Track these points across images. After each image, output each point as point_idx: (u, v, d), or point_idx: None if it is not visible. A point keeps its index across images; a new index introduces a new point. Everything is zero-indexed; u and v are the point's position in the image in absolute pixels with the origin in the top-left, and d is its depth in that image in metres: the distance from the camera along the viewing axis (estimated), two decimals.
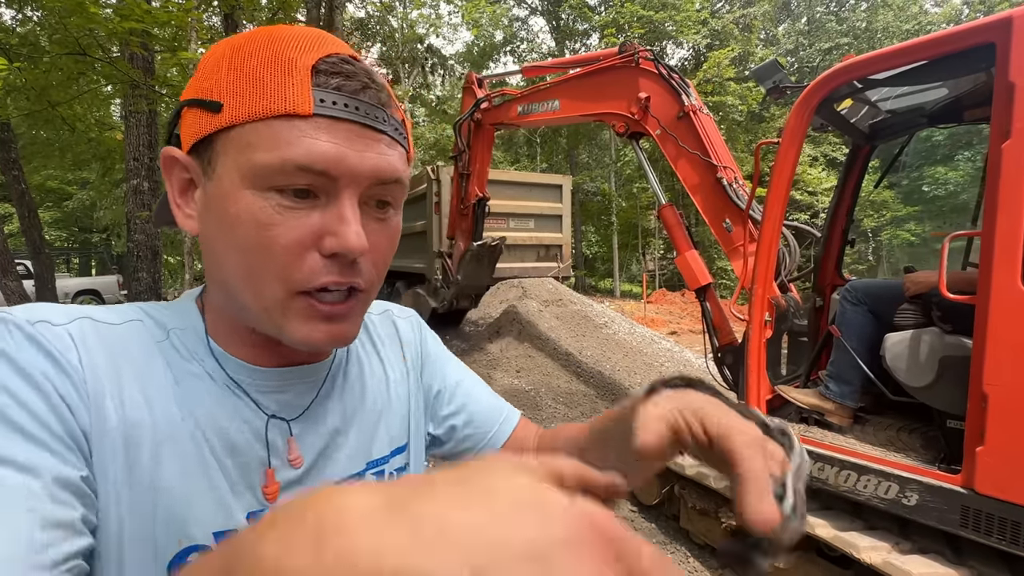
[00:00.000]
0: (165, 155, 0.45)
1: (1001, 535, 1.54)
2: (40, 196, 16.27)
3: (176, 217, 0.46)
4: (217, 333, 0.48)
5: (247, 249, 0.41)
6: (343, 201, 0.42)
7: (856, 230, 18.74)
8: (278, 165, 0.40)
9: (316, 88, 0.40)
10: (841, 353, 2.20)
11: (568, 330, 6.28)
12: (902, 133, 2.64)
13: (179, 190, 0.46)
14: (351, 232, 0.41)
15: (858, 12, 22.11)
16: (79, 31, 4.58)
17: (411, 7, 13.83)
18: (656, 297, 14.80)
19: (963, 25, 1.63)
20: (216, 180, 0.42)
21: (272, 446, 0.47)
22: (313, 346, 0.44)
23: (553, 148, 22.78)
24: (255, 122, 0.40)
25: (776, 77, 2.52)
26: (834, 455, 1.92)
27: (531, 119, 4.48)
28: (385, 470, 0.57)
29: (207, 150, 0.43)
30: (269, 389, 0.48)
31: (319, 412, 0.52)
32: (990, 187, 1.52)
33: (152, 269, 6.83)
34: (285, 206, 0.41)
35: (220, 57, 0.43)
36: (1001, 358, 1.50)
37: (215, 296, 0.48)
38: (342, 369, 0.56)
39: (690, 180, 3.31)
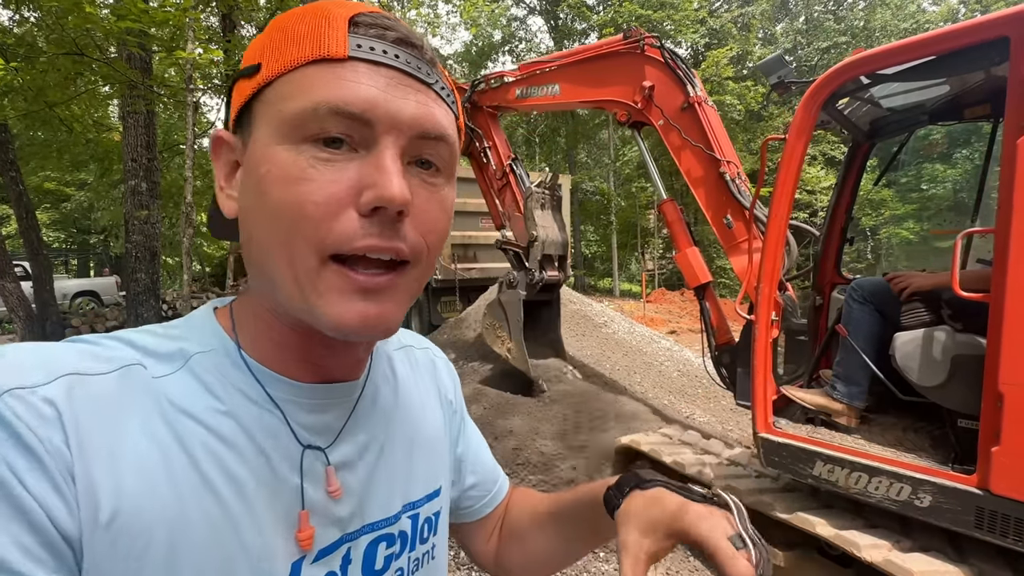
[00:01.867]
0: (214, 138, 0.43)
1: (1017, 536, 1.52)
2: (38, 197, 16.20)
3: (219, 201, 0.43)
4: (255, 344, 0.44)
5: (278, 211, 0.37)
6: (383, 150, 0.37)
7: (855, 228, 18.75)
8: (311, 109, 0.36)
9: (353, 35, 0.38)
10: (848, 353, 2.17)
11: (567, 330, 6.25)
12: (902, 131, 2.63)
13: (225, 175, 0.43)
14: (391, 180, 0.36)
15: (856, 11, 22.13)
16: (76, 31, 4.54)
17: (409, 6, 13.79)
18: (655, 296, 14.79)
19: (976, 19, 1.61)
20: (252, 145, 0.39)
21: (308, 478, 0.43)
22: (344, 330, 0.38)
23: (552, 148, 22.76)
24: (288, 73, 0.37)
25: (781, 72, 2.49)
26: (844, 456, 1.90)
27: (530, 103, 4.34)
28: (420, 515, 0.54)
29: (247, 120, 0.40)
30: (308, 408, 0.45)
31: (353, 438, 0.48)
32: (1004, 183, 1.49)
33: (151, 270, 6.79)
34: (320, 158, 0.36)
35: (266, 29, 0.42)
36: (1017, 357, 1.48)
37: (254, 288, 0.44)
38: (376, 390, 0.52)
39: (693, 173, 3.25)
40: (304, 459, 0.43)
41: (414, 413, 0.56)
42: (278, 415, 0.43)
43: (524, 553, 0.65)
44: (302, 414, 0.44)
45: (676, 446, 2.93)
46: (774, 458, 2.13)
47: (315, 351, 0.44)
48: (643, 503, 0.48)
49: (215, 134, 0.42)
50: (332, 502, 0.45)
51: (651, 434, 3.24)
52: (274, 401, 0.43)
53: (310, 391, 0.45)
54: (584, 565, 2.54)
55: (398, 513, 0.51)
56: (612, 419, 4.01)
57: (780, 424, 2.18)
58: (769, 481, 2.39)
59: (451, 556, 2.67)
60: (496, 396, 4.64)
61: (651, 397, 4.76)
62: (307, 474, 0.43)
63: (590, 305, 7.35)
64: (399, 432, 0.53)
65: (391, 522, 0.50)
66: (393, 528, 0.50)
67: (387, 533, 0.49)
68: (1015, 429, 1.50)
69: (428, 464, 0.56)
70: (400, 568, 0.50)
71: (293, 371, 0.44)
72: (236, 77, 0.42)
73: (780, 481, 2.36)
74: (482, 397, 4.68)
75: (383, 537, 0.49)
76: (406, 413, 0.55)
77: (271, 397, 0.43)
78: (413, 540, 0.52)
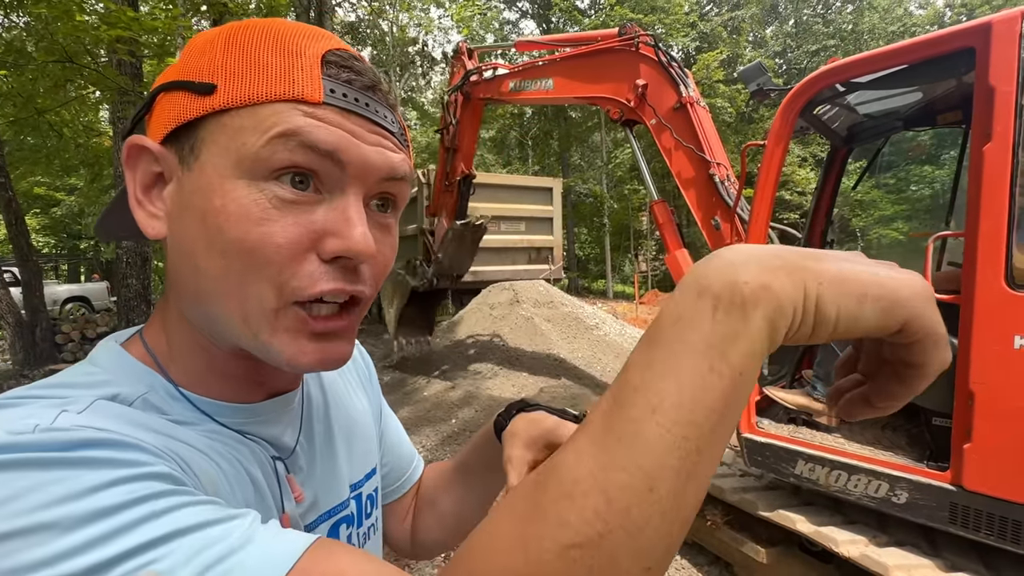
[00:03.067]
0: (131, 144, 0.39)
1: (989, 530, 1.56)
2: (27, 202, 16.06)
3: (136, 217, 0.39)
4: (188, 377, 0.42)
5: (234, 248, 0.35)
6: (349, 198, 0.37)
7: (844, 229, 18.89)
8: (279, 139, 0.35)
9: (326, 78, 0.37)
10: (828, 353, 2.22)
11: (559, 332, 6.30)
12: (878, 136, 2.68)
13: (143, 186, 0.39)
14: (357, 232, 0.37)
15: (844, 14, 22.41)
16: (66, 38, 4.54)
17: (399, 9, 13.83)
18: (649, 298, 14.85)
19: (944, 30, 1.66)
20: (198, 170, 0.37)
21: (283, 487, 0.46)
22: (300, 368, 0.39)
23: (545, 150, 22.85)
24: (255, 105, 0.35)
25: (760, 80, 2.54)
26: (824, 455, 1.94)
27: (523, 96, 4.31)
28: (362, 493, 0.57)
29: (189, 137, 0.37)
30: (260, 424, 0.45)
31: (307, 442, 0.51)
32: (972, 189, 1.54)
33: (142, 275, 6.76)
34: (284, 199, 0.36)
35: (210, 41, 0.38)
36: (986, 356, 1.53)
37: (185, 318, 0.41)
38: (309, 389, 0.55)
39: (683, 174, 3.27)
40: (277, 469, 0.46)
41: (345, 401, 0.59)
42: (238, 436, 0.43)
43: (437, 517, 0.69)
44: (262, 429, 0.45)
45: None
46: (757, 457, 2.17)
47: (264, 372, 0.45)
48: (525, 423, 0.55)
49: (133, 141, 0.39)
50: (298, 505, 0.47)
51: None
52: (229, 428, 0.43)
53: (257, 409, 0.45)
54: None
55: (346, 497, 0.54)
56: None
57: (763, 424, 2.22)
58: (752, 480, 2.44)
59: (441, 558, 2.69)
60: (488, 399, 4.67)
61: None
62: (280, 482, 0.46)
63: (581, 307, 7.40)
64: (336, 422, 0.56)
65: (345, 506, 0.53)
66: (348, 510, 0.54)
67: (346, 515, 0.53)
68: (986, 426, 1.55)
69: (363, 446, 0.59)
70: (353, 544, 0.54)
71: (242, 395, 0.44)
72: (171, 86, 0.38)
73: (763, 480, 2.40)
74: (473, 400, 4.70)
75: (343, 519, 0.52)
76: (338, 403, 0.58)
77: (226, 426, 0.42)
78: (360, 517, 0.56)
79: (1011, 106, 1.45)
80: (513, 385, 4.96)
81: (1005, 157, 1.46)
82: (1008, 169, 1.46)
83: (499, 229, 8.13)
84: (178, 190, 0.38)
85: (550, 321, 6.51)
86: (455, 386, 5.13)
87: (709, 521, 2.42)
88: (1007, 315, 1.48)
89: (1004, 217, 1.47)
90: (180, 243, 0.38)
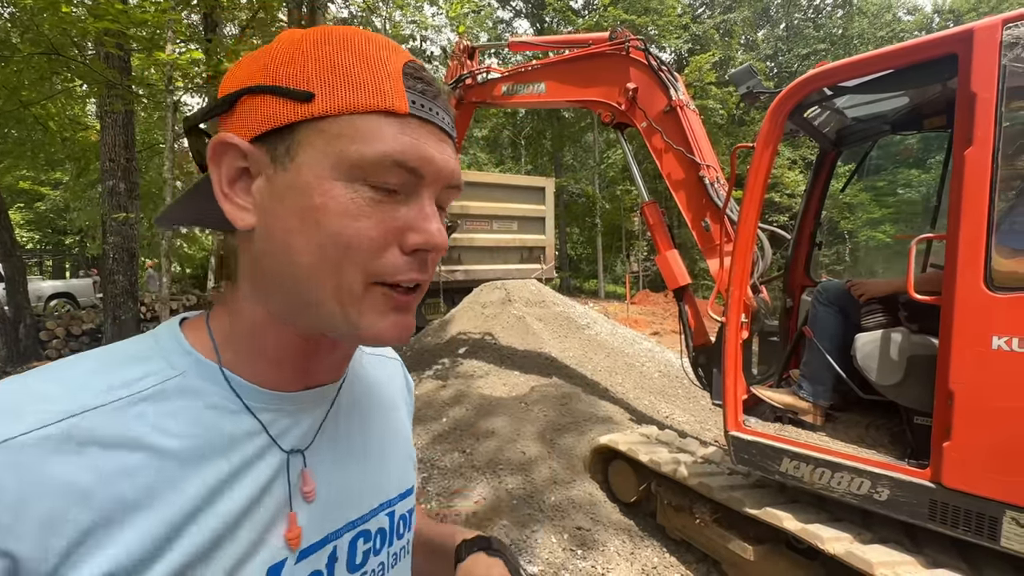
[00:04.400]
0: (219, 142, 0.41)
1: (967, 527, 1.60)
2: (11, 196, 15.78)
3: (225, 208, 0.42)
4: (239, 360, 0.45)
5: (331, 241, 0.40)
6: (424, 199, 0.43)
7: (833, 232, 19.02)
8: (377, 158, 0.40)
9: (408, 90, 0.42)
10: (813, 353, 2.25)
11: (551, 331, 6.31)
12: (866, 139, 2.73)
13: (228, 180, 0.43)
14: (435, 228, 0.43)
15: (835, 19, 22.66)
16: (52, 30, 4.46)
17: (392, 6, 13.77)
18: (640, 298, 14.94)
19: (928, 37, 1.69)
20: (294, 170, 0.40)
21: (292, 484, 0.46)
22: (383, 340, 0.44)
23: (538, 150, 22.87)
24: (352, 115, 0.40)
25: (750, 83, 2.58)
26: (809, 453, 1.97)
27: (515, 100, 4.36)
28: (396, 512, 0.57)
29: (283, 139, 0.41)
30: (290, 414, 0.47)
31: (332, 438, 0.51)
32: (954, 192, 1.58)
33: (129, 272, 6.68)
34: (374, 200, 0.41)
35: (296, 47, 0.42)
36: (966, 356, 1.56)
37: (259, 302, 0.45)
38: (351, 390, 0.55)
39: (673, 176, 3.32)
40: (289, 463, 0.46)
41: (387, 415, 0.60)
42: (258, 426, 0.45)
43: None
44: (284, 420, 0.47)
45: (653, 445, 2.99)
46: (744, 455, 2.20)
47: (314, 357, 0.48)
48: (480, 565, 0.59)
49: (223, 139, 0.41)
50: (311, 503, 0.47)
51: (629, 433, 3.30)
52: (253, 413, 0.45)
53: (293, 399, 0.47)
54: (563, 563, 2.59)
55: (375, 510, 0.54)
56: (592, 420, 4.07)
57: (750, 423, 2.25)
58: (740, 478, 2.47)
59: None
60: (479, 398, 4.67)
61: (632, 398, 4.83)
62: (292, 477, 0.46)
63: (573, 307, 7.41)
64: (374, 431, 0.57)
65: (367, 519, 0.53)
66: (370, 524, 0.53)
67: (364, 530, 0.53)
68: (965, 425, 1.58)
69: (400, 464, 0.59)
70: (381, 562, 0.54)
71: (282, 383, 0.47)
72: (259, 90, 0.41)
73: (751, 478, 2.43)
74: (464, 399, 4.70)
75: (361, 533, 0.52)
76: (380, 414, 0.59)
77: (250, 409, 0.45)
78: (391, 536, 0.56)
79: (991, 112, 1.48)
80: (504, 384, 4.95)
81: (985, 161, 1.49)
82: (988, 173, 1.49)
83: (491, 228, 8.15)
84: (270, 186, 0.42)
85: (541, 320, 6.52)
86: (446, 385, 5.12)
87: (697, 519, 2.44)
88: (986, 316, 1.51)
89: (984, 220, 1.50)
90: (272, 233, 0.42)
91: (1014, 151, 1.50)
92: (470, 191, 7.28)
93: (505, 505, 3.08)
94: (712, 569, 2.55)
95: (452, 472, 3.53)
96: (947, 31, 1.64)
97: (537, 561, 2.61)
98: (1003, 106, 1.47)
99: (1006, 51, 1.47)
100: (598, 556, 2.64)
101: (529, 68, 4.18)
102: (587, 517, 2.95)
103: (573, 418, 4.16)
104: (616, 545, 2.73)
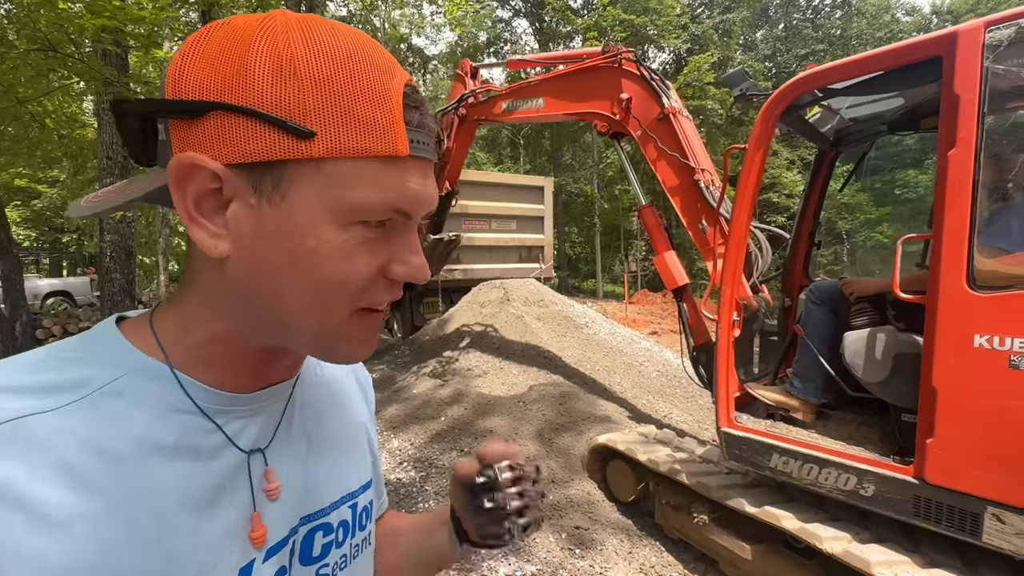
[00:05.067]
0: (190, 164, 0.37)
1: (950, 523, 1.62)
2: (8, 194, 15.74)
3: (194, 235, 0.39)
4: (189, 360, 0.43)
5: (326, 284, 0.40)
6: (411, 233, 0.44)
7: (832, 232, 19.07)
8: (379, 206, 0.39)
9: (408, 128, 0.40)
10: (805, 351, 2.28)
11: (549, 331, 6.33)
12: (864, 140, 2.75)
13: (196, 201, 0.39)
14: (420, 261, 0.44)
15: (833, 19, 22.70)
16: (48, 26, 4.47)
17: (393, 5, 13.76)
18: (638, 298, 14.97)
19: (914, 39, 1.72)
20: (285, 208, 0.38)
21: (254, 480, 0.46)
22: (356, 360, 0.46)
23: (537, 149, 22.89)
24: (354, 160, 0.38)
25: (743, 85, 2.61)
26: (797, 449, 2.00)
27: (515, 116, 4.48)
28: (358, 503, 0.57)
29: (271, 172, 0.37)
30: (246, 414, 0.46)
31: (290, 435, 0.51)
32: (938, 193, 1.60)
33: (126, 270, 6.68)
34: (367, 238, 0.40)
35: (281, 56, 0.36)
36: (948, 355, 1.59)
37: (221, 318, 0.43)
38: (306, 386, 0.55)
39: (669, 182, 3.38)
40: (251, 464, 0.45)
41: (344, 409, 0.60)
42: (213, 428, 0.43)
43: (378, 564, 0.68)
44: (240, 421, 0.45)
45: (651, 444, 3.00)
46: (735, 451, 2.23)
47: (271, 364, 0.48)
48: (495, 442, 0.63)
49: (195, 162, 0.37)
50: (275, 501, 0.47)
51: (627, 433, 3.32)
52: (208, 415, 0.43)
53: (247, 399, 0.46)
54: (560, 562, 2.61)
55: (337, 502, 0.54)
56: (591, 419, 4.10)
57: (741, 419, 2.27)
58: (738, 477, 2.47)
59: None
60: (477, 397, 4.69)
61: (630, 397, 4.85)
62: (253, 477, 0.46)
63: (572, 306, 7.44)
64: (332, 424, 0.56)
65: (327, 512, 0.53)
66: (331, 518, 0.53)
67: (324, 523, 0.52)
68: (947, 422, 1.61)
69: (358, 457, 0.60)
70: (344, 555, 0.54)
71: (237, 384, 0.46)
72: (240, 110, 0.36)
73: (748, 477, 2.44)
74: (463, 398, 4.72)
75: (320, 527, 0.52)
76: (337, 408, 0.58)
77: (203, 411, 0.43)
78: (353, 528, 0.56)
79: (974, 113, 1.50)
80: (503, 383, 4.98)
81: (968, 162, 1.52)
82: (971, 174, 1.51)
83: (490, 227, 8.17)
84: (254, 220, 0.39)
85: (540, 319, 6.54)
86: (444, 383, 5.14)
87: (695, 518, 2.45)
88: (968, 315, 1.53)
89: (967, 220, 1.53)
90: (255, 269, 0.40)
91: (996, 152, 1.52)
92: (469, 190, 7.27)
93: None
94: (710, 568, 2.55)
95: (450, 471, 3.55)
96: (932, 34, 1.66)
97: (535, 560, 2.62)
98: (985, 108, 1.50)
99: (988, 53, 1.49)
100: (596, 555, 2.65)
101: (527, 85, 4.31)
102: (585, 516, 2.96)
103: (571, 417, 4.18)
104: (614, 544, 2.74)
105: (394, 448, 4.06)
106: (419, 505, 3.19)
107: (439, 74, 19.91)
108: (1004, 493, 1.50)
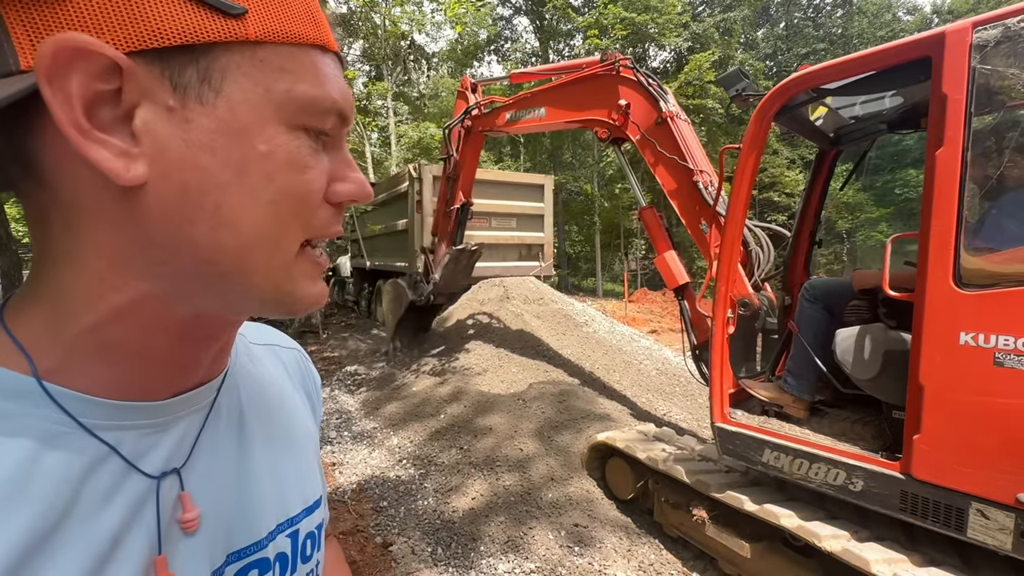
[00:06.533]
0: (71, 45, 0.27)
1: (936, 518, 1.65)
2: None
3: (88, 153, 0.28)
4: (71, 365, 0.33)
5: (284, 197, 0.33)
6: (344, 146, 0.38)
7: (831, 231, 19.06)
8: (327, 103, 0.34)
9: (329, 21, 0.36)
10: (798, 349, 2.31)
11: (549, 329, 6.35)
12: (865, 138, 2.76)
13: (87, 107, 0.29)
14: (359, 177, 0.38)
15: (834, 18, 22.66)
16: None
17: (393, 3, 13.77)
18: (637, 296, 14.98)
19: (904, 40, 1.74)
20: (224, 107, 0.31)
21: (163, 516, 0.36)
22: (311, 307, 0.38)
23: (537, 148, 22.90)
24: (292, 45, 0.33)
25: (739, 85, 2.63)
26: (788, 444, 2.03)
27: (519, 126, 4.61)
28: (299, 531, 0.47)
29: (196, 60, 0.30)
30: (154, 428, 0.36)
31: (213, 451, 0.41)
32: (926, 192, 1.63)
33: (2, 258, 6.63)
34: (312, 148, 0.35)
35: None
36: (935, 352, 1.61)
37: (137, 278, 0.33)
38: (236, 390, 0.45)
39: (668, 185, 3.43)
40: (159, 490, 0.36)
41: (284, 417, 0.50)
42: (104, 450, 0.33)
43: None
44: (143, 437, 0.36)
45: (650, 442, 3.01)
46: (729, 446, 2.26)
47: (191, 349, 0.38)
48: None
49: (77, 43, 0.27)
50: (192, 535, 0.38)
51: (626, 431, 3.33)
52: (94, 434, 0.33)
53: (155, 409, 0.37)
54: (559, 560, 2.62)
55: (272, 533, 0.44)
56: (590, 417, 4.12)
57: (735, 415, 2.30)
58: (737, 475, 2.48)
59: (428, 552, 2.75)
60: (477, 395, 4.72)
61: (629, 395, 4.88)
62: (162, 507, 0.36)
63: (571, 304, 7.46)
64: (266, 439, 0.46)
65: (262, 545, 0.43)
66: (267, 552, 0.43)
67: (260, 558, 0.43)
68: (934, 419, 1.63)
69: (302, 474, 0.50)
70: None
71: (145, 384, 0.36)
72: None
73: (748, 475, 2.45)
74: (462, 396, 4.76)
75: (253, 564, 0.42)
76: (275, 417, 0.48)
77: (88, 429, 0.33)
78: (294, 561, 0.46)
79: (961, 113, 1.52)
80: (502, 381, 5.00)
81: (955, 162, 1.54)
82: (958, 173, 1.54)
83: (490, 225, 8.18)
84: (178, 125, 0.30)
85: (540, 318, 6.56)
86: (444, 381, 5.17)
87: (694, 516, 2.46)
88: (954, 313, 1.56)
89: (953, 219, 1.55)
90: (184, 191, 0.31)
91: (983, 152, 1.55)
92: None
93: (502, 502, 3.11)
94: (709, 566, 2.56)
95: (449, 469, 3.58)
96: (921, 34, 1.68)
97: (534, 558, 2.64)
98: (972, 107, 1.52)
99: (975, 53, 1.51)
100: (595, 553, 2.67)
101: (528, 95, 4.43)
102: (584, 514, 2.98)
103: (571, 415, 4.20)
104: (613, 542, 2.75)
105: (393, 446, 4.09)
106: (418, 502, 3.23)
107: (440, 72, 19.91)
108: (988, 489, 1.52)
